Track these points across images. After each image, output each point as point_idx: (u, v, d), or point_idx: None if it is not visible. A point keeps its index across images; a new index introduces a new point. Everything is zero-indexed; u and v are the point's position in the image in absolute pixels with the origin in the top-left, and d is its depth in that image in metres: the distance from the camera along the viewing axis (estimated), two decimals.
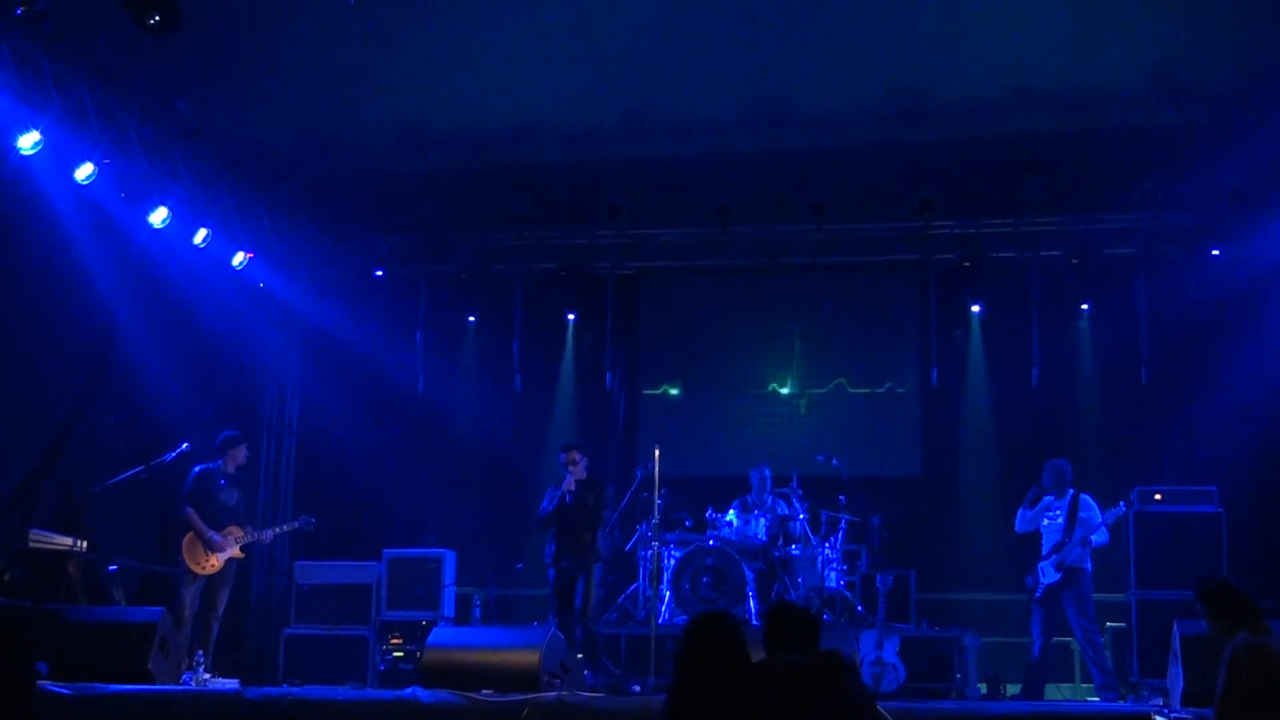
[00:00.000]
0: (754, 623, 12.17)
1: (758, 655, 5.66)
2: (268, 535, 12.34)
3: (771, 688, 5.37)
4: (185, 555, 11.54)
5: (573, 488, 11.87)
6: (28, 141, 10.84)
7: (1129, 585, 12.60)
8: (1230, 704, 6.71)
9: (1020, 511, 12.19)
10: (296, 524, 12.51)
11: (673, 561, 13.11)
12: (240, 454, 12.08)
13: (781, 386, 15.85)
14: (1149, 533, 12.59)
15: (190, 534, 11.56)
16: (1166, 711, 8.53)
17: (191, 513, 11.58)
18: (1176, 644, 9.34)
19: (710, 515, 13.52)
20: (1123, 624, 12.82)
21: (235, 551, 11.75)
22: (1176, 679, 9.24)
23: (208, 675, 10.61)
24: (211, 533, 11.56)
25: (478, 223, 14.88)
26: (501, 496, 15.47)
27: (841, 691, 5.43)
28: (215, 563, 11.59)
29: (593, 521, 11.91)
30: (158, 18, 10.00)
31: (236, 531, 11.74)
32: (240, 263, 14.04)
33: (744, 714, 5.31)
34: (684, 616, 12.87)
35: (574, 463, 12.02)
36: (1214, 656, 7.00)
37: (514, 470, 15.53)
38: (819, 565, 13.20)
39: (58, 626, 9.89)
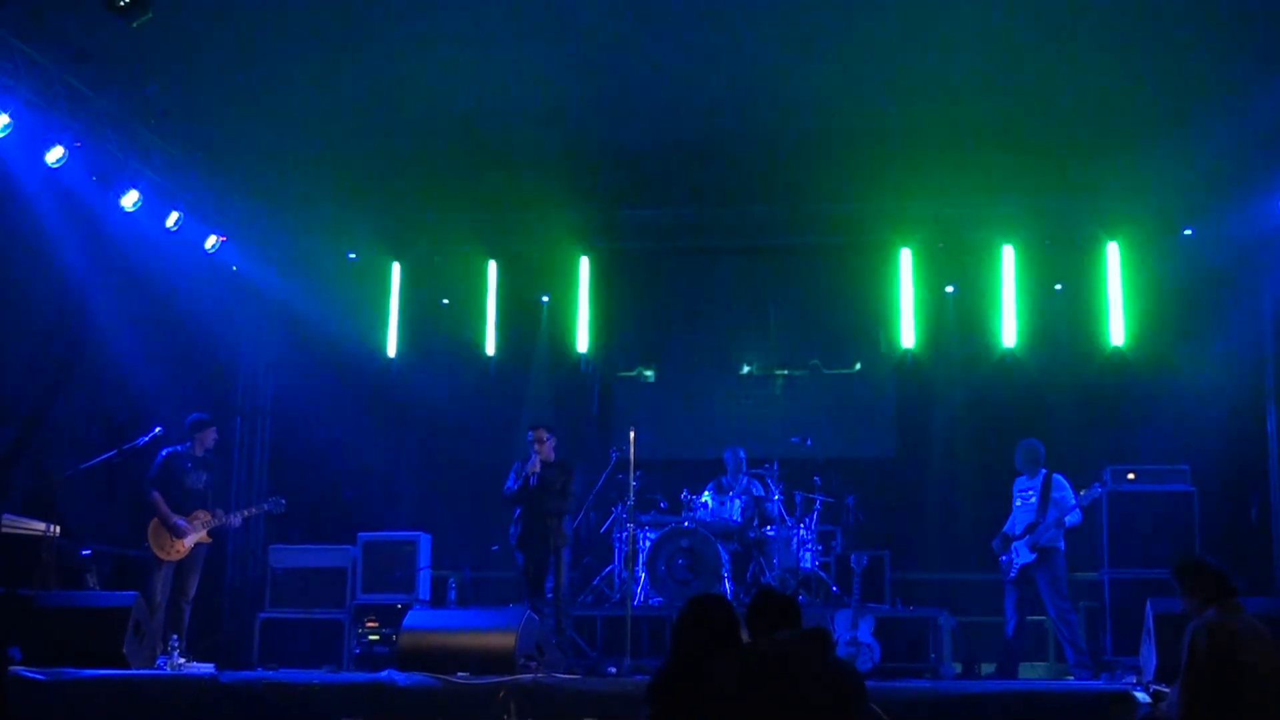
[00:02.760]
0: None
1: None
2: (236, 519, 12.24)
3: (762, 667, 5.45)
4: (151, 541, 11.53)
5: (537, 469, 11.81)
6: None
7: (1102, 564, 12.69)
8: (1191, 682, 6.83)
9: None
10: (266, 506, 12.49)
11: (648, 543, 13.12)
12: (209, 437, 12.05)
13: (756, 367, 15.88)
14: (1122, 512, 12.69)
15: (156, 519, 11.53)
16: (1139, 687, 8.63)
17: (157, 497, 11.56)
18: (1149, 622, 9.47)
19: (685, 497, 13.52)
20: (1096, 603, 12.86)
21: (202, 537, 11.71)
22: (1149, 657, 9.36)
23: (182, 660, 10.58)
24: (176, 518, 11.52)
25: (450, 202, 14.76)
26: (476, 479, 15.12)
27: (829, 665, 5.55)
28: (181, 548, 11.56)
29: (559, 506, 11.81)
30: None
31: (203, 516, 11.71)
32: (212, 246, 13.97)
33: (736, 694, 5.39)
34: (659, 598, 12.92)
35: (540, 441, 11.94)
36: None
37: (488, 453, 15.24)
38: (794, 546, 13.23)
39: (31, 612, 9.91)
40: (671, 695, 5.62)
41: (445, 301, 15.94)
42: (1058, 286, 14.85)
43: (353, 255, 15.45)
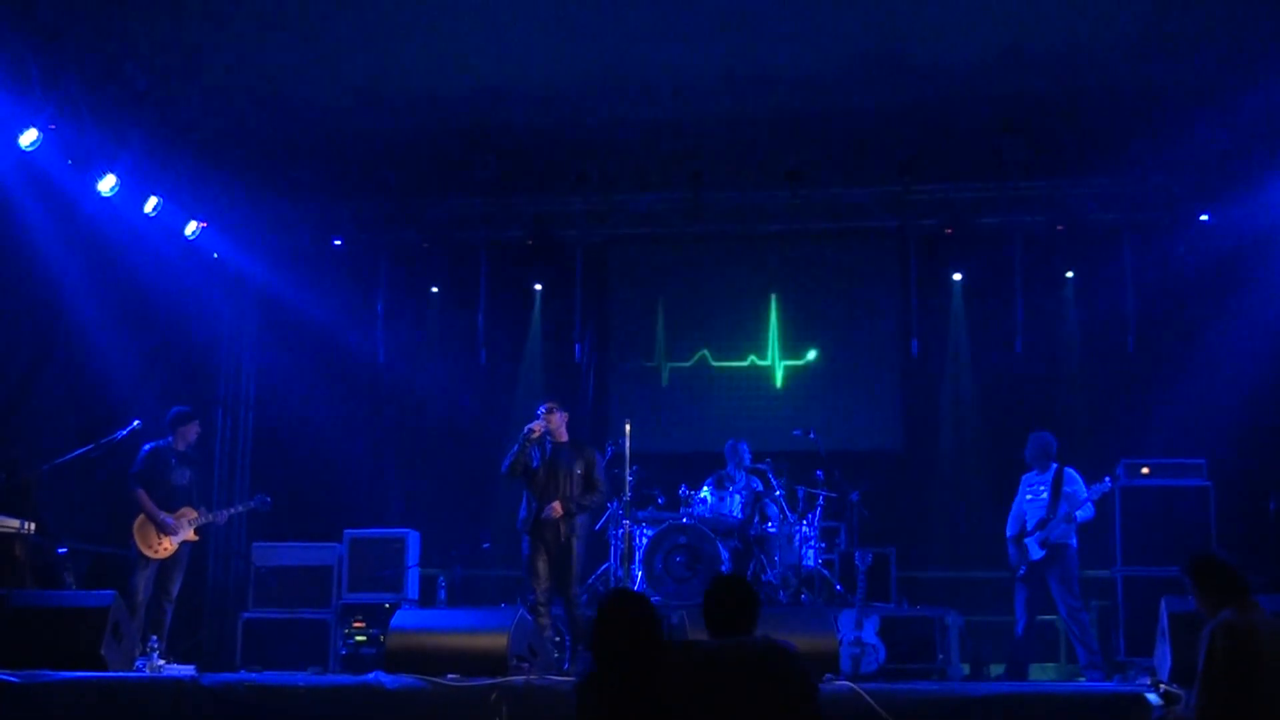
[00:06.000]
0: None
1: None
2: (222, 516, 12.14)
3: (692, 670, 5.43)
4: (136, 538, 11.37)
5: (539, 431, 11.24)
6: None
7: (1115, 561, 12.50)
8: (1210, 684, 6.66)
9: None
10: (252, 504, 12.32)
11: (645, 540, 12.86)
12: (192, 431, 11.89)
13: (757, 358, 15.65)
14: (1136, 507, 12.51)
15: (141, 516, 11.38)
16: (1150, 688, 8.43)
17: (142, 493, 11.40)
18: (1164, 621, 9.26)
19: (683, 492, 13.23)
20: (1108, 601, 12.72)
21: (189, 534, 11.57)
22: (1164, 657, 9.17)
23: (162, 661, 10.39)
24: (163, 515, 11.37)
25: (441, 189, 14.56)
26: (466, 473, 15.21)
27: (774, 677, 5.44)
28: (168, 546, 11.42)
29: (582, 501, 11.24)
30: None
31: (189, 513, 11.56)
32: (193, 232, 13.89)
33: (660, 695, 5.34)
34: (657, 597, 12.65)
35: (551, 412, 11.35)
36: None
37: (479, 446, 15.20)
38: (796, 543, 12.98)
39: (5, 611, 9.69)
40: (598, 695, 5.53)
41: (435, 289, 15.77)
42: (1069, 274, 14.73)
43: (339, 241, 15.23)
